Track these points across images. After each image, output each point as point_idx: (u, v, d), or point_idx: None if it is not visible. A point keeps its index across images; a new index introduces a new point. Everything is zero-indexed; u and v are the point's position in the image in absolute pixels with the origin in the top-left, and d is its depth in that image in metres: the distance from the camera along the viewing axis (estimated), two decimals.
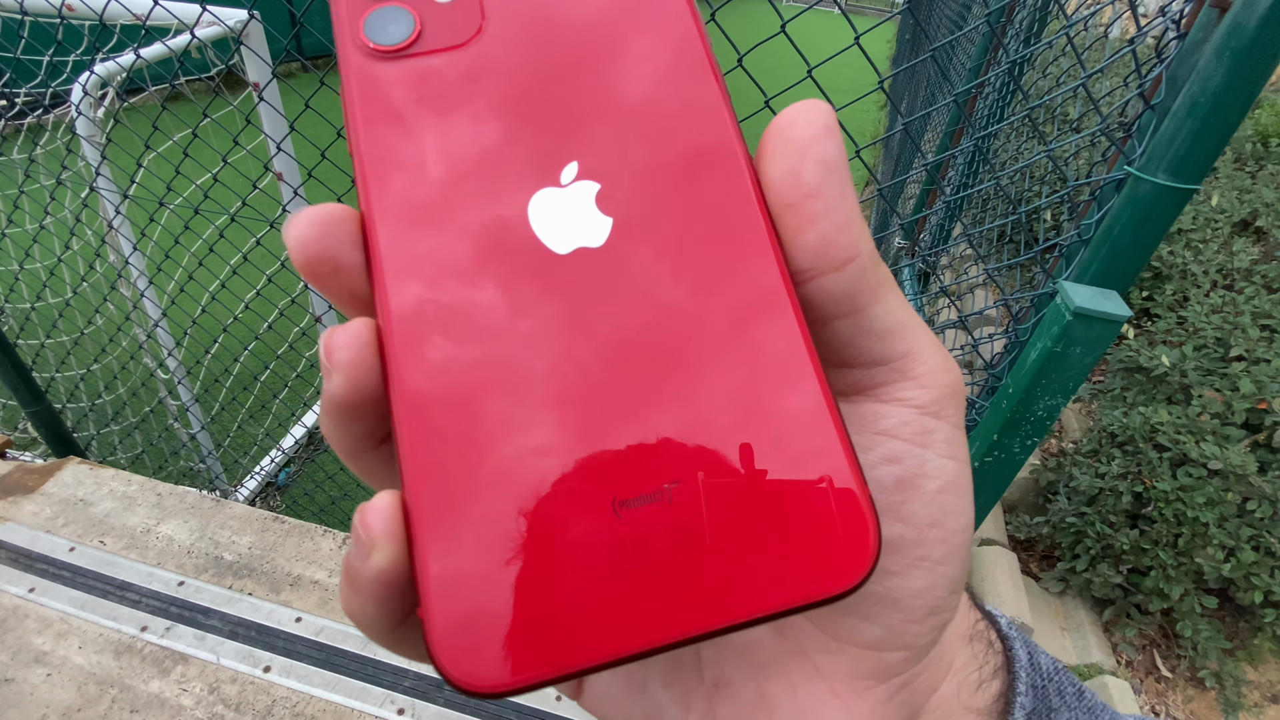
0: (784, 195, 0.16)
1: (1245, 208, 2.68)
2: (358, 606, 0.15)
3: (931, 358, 0.17)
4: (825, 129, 0.16)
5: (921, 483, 0.17)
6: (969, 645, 0.21)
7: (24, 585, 1.22)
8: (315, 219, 0.16)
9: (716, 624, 0.14)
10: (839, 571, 0.15)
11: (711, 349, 0.16)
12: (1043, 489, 2.06)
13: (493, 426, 0.15)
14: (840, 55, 0.86)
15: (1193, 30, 0.68)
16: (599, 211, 0.17)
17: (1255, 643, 1.75)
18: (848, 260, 0.16)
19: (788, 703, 0.19)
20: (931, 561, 0.17)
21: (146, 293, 1.69)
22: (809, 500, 0.15)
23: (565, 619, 0.14)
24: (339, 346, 0.15)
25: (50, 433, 1.70)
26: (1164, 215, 0.68)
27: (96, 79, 1.42)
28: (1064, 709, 0.21)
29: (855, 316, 0.17)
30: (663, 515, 0.15)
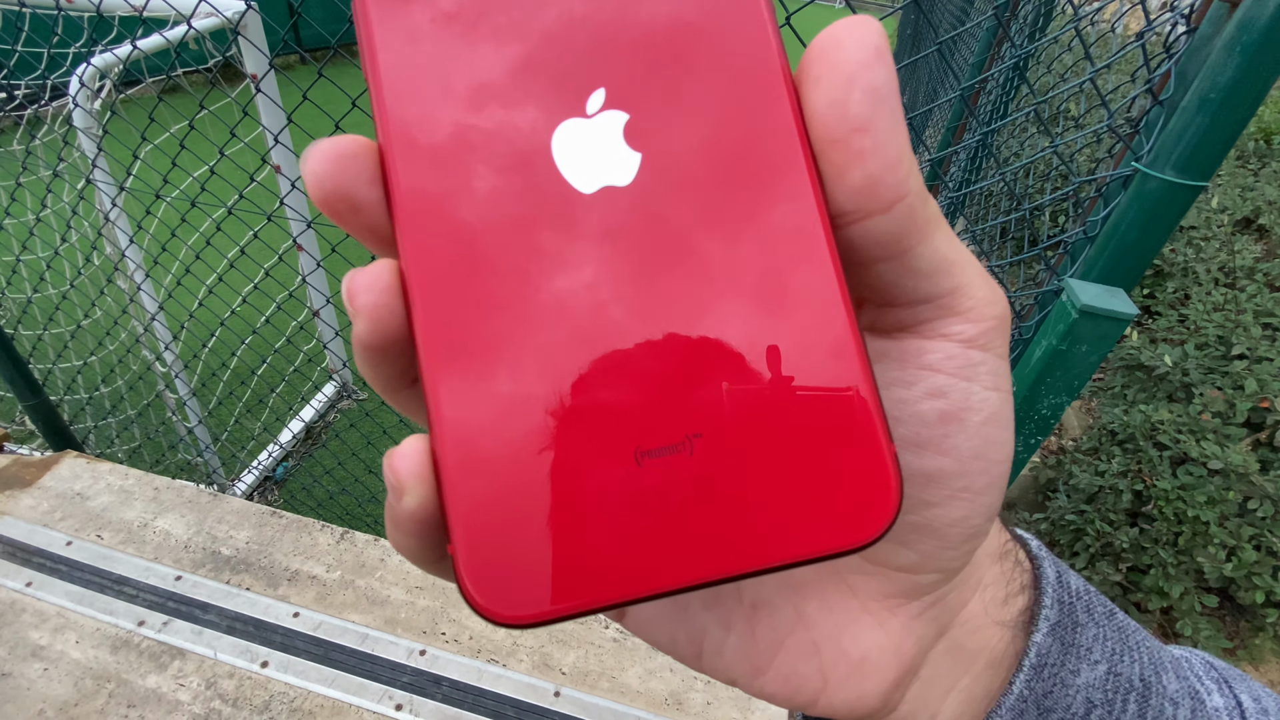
0: (829, 129, 0.15)
1: (1247, 205, 2.67)
2: (400, 542, 0.16)
3: (979, 290, 0.17)
4: (876, 51, 0.14)
5: (966, 415, 0.17)
6: (998, 563, 0.21)
7: (21, 579, 1.22)
8: (331, 154, 0.15)
9: (730, 572, 0.15)
10: (858, 526, 0.15)
11: (740, 300, 0.15)
12: (1042, 486, 2.06)
13: (516, 373, 0.15)
14: None
15: (1203, 25, 0.68)
16: (627, 146, 0.16)
17: (1256, 642, 1.75)
18: (895, 200, 0.15)
19: (824, 620, 0.20)
20: (973, 493, 0.17)
21: (143, 285, 1.68)
22: (833, 455, 0.15)
23: (583, 560, 0.15)
24: (361, 290, 0.15)
25: (47, 426, 1.69)
26: (1171, 212, 0.67)
27: (94, 71, 1.41)
28: (1091, 625, 0.21)
29: (902, 258, 0.16)
30: (684, 466, 0.15)
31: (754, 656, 0.20)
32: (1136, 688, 0.21)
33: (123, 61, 1.39)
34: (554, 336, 0.15)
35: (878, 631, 0.20)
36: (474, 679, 1.11)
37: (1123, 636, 0.22)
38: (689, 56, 0.16)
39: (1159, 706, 0.21)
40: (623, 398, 0.15)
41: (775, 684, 0.20)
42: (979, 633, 0.21)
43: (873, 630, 0.20)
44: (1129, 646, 0.22)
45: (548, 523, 0.15)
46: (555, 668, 1.12)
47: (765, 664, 0.20)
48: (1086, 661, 0.21)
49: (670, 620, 0.21)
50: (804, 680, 0.20)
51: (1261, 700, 0.24)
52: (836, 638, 0.20)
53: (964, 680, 0.21)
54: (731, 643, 0.20)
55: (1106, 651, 0.21)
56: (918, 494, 0.18)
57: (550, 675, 1.11)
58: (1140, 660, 0.22)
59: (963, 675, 0.21)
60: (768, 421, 0.15)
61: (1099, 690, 0.21)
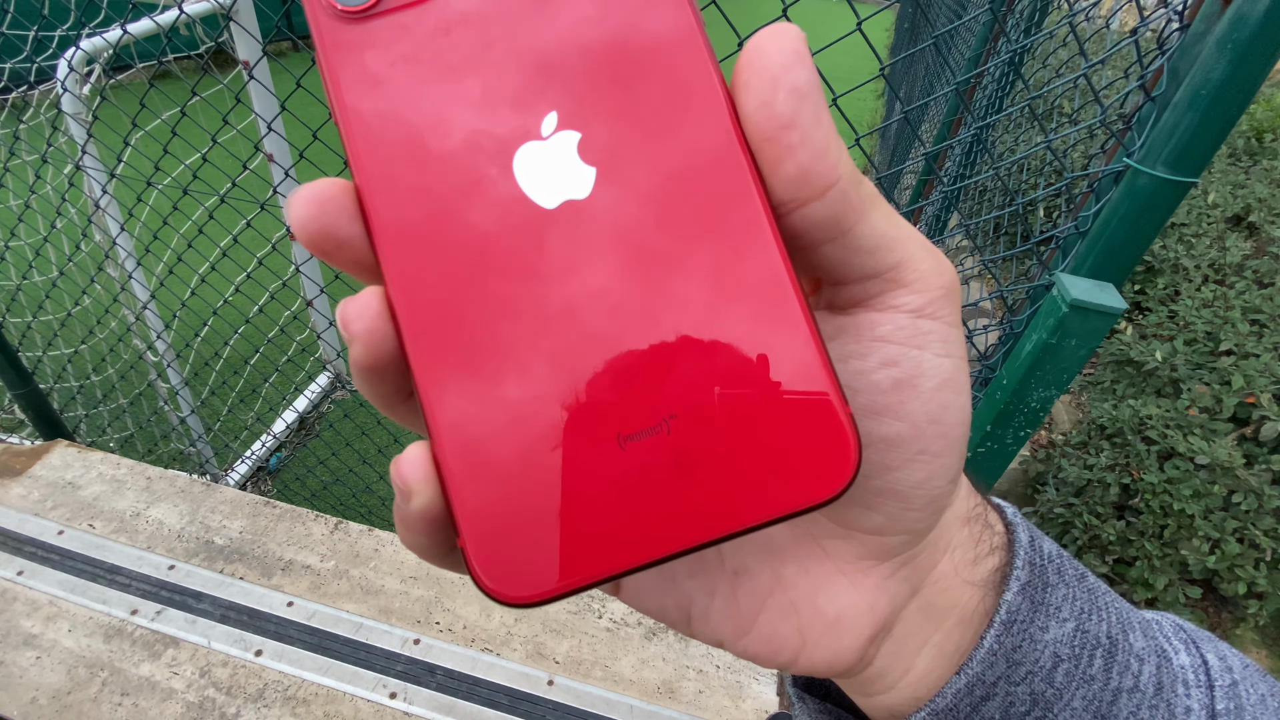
0: (760, 128, 0.16)
1: (1238, 203, 2.69)
2: (412, 541, 0.18)
3: (923, 263, 0.18)
4: (794, 54, 0.16)
5: (919, 382, 0.18)
6: (967, 526, 0.22)
7: (12, 568, 1.22)
8: (311, 198, 0.17)
9: (713, 535, 0.16)
10: (823, 482, 0.16)
11: (698, 289, 0.17)
12: (1031, 480, 2.08)
13: (502, 377, 0.17)
14: (837, 43, 0.85)
15: (1195, 22, 0.68)
16: (582, 162, 0.17)
17: (1238, 633, 1.78)
18: (828, 186, 0.16)
19: (801, 582, 0.21)
20: (930, 455, 0.19)
21: (134, 274, 1.67)
22: (794, 421, 0.16)
23: (580, 540, 0.16)
24: (353, 318, 0.17)
25: (38, 415, 1.68)
26: (1162, 208, 0.68)
27: (83, 55, 1.39)
28: (1061, 586, 0.22)
29: (843, 238, 0.17)
30: (663, 445, 0.16)
31: (737, 619, 0.21)
32: (1103, 644, 0.22)
33: (112, 46, 1.37)
34: (534, 340, 0.17)
35: (851, 591, 0.21)
36: (468, 668, 1.11)
37: (1092, 598, 0.23)
38: (630, 75, 0.17)
39: (1125, 662, 0.22)
40: (601, 389, 0.16)
41: (758, 644, 0.21)
42: (949, 592, 0.22)
43: (847, 590, 0.21)
44: (1098, 607, 0.23)
45: (545, 509, 0.16)
46: (549, 657, 1.13)
47: (748, 625, 0.21)
48: (1055, 619, 0.22)
49: (660, 590, 0.22)
50: (784, 639, 0.21)
51: (1227, 659, 0.25)
52: (813, 598, 0.21)
53: (935, 636, 0.22)
54: (716, 606, 0.21)
55: (1075, 610, 0.22)
56: (878, 459, 0.19)
57: (544, 664, 1.12)
58: (1108, 619, 0.23)
59: (934, 632, 0.22)
60: (734, 397, 0.16)
61: (1066, 645, 0.21)
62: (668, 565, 0.21)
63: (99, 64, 1.44)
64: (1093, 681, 0.21)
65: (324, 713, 1.05)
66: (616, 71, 0.17)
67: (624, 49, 0.17)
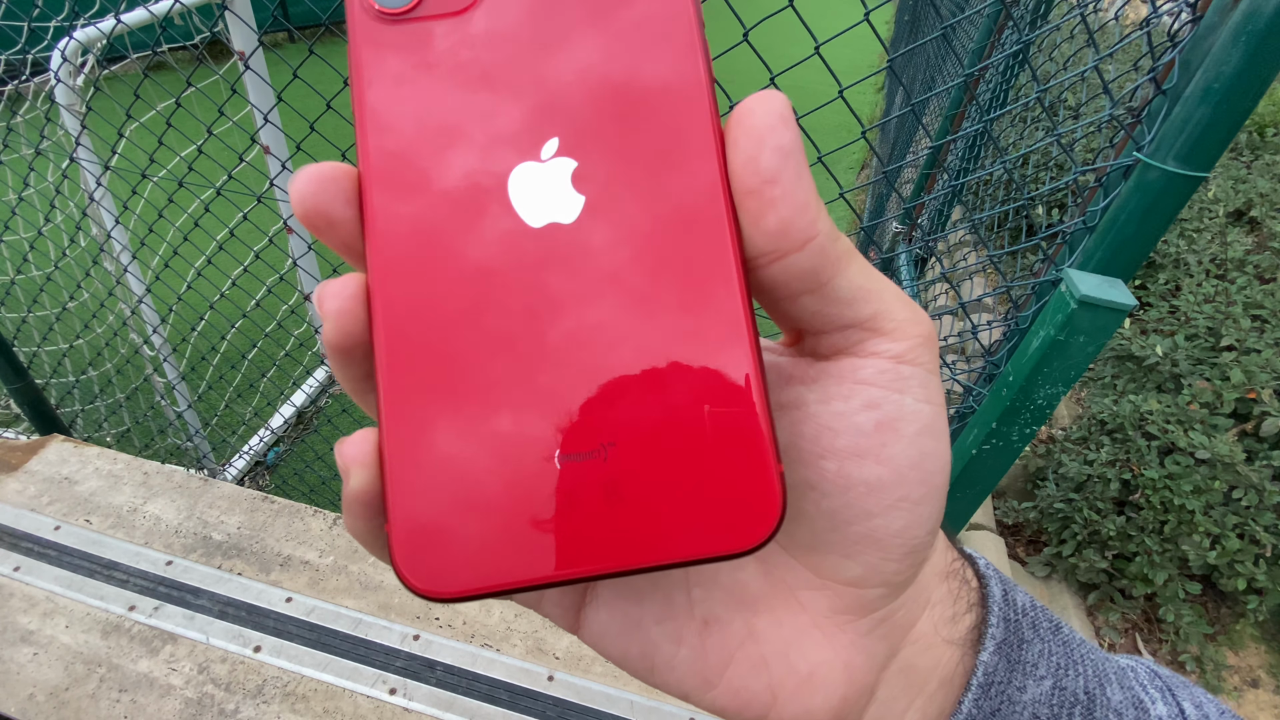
0: (744, 181, 0.17)
1: (1240, 198, 2.68)
2: (350, 524, 0.18)
3: (900, 313, 0.18)
4: (780, 117, 0.17)
5: (900, 425, 0.18)
6: (945, 582, 0.22)
7: (8, 564, 1.21)
8: (314, 176, 0.17)
9: (626, 565, 0.17)
10: (743, 532, 0.17)
11: (657, 327, 0.17)
12: (1031, 475, 2.08)
13: (457, 380, 0.17)
14: (837, 36, 0.84)
15: (1207, 14, 0.67)
16: (573, 189, 0.18)
17: (1237, 628, 1.78)
18: (807, 240, 0.17)
19: (773, 635, 0.20)
20: (911, 502, 0.19)
21: (130, 267, 1.65)
22: (725, 469, 0.17)
23: (499, 547, 0.17)
24: (329, 296, 0.17)
25: (33, 409, 1.67)
26: (1171, 203, 0.67)
27: (76, 45, 1.37)
28: (1036, 640, 0.22)
29: (821, 290, 0.18)
30: (596, 470, 0.17)
31: (704, 670, 0.21)
32: (1081, 700, 0.22)
33: (106, 36, 1.35)
34: (493, 349, 0.17)
35: (826, 647, 0.20)
36: (468, 663, 1.11)
37: (1068, 651, 0.22)
38: (634, 114, 0.18)
39: (1103, 718, 0.22)
40: (548, 407, 0.17)
41: (725, 698, 0.21)
42: (930, 651, 0.21)
43: (821, 646, 0.20)
44: (1074, 660, 0.22)
45: (472, 511, 0.17)
46: (549, 652, 1.13)
47: (715, 678, 0.20)
48: (1032, 678, 0.21)
49: (623, 634, 0.21)
50: (753, 695, 0.20)
51: (1203, 707, 0.24)
52: (785, 653, 0.20)
53: (918, 700, 0.21)
54: (682, 656, 0.21)
55: (1052, 667, 0.22)
56: (859, 503, 0.19)
57: (544, 660, 1.11)
58: (1085, 674, 0.22)
59: (916, 695, 0.21)
60: (671, 437, 0.17)
61: (1045, 705, 0.21)
62: (634, 610, 0.21)
63: (93, 55, 1.42)
64: None
65: (323, 708, 1.04)
66: (622, 109, 0.18)
67: (632, 88, 0.18)
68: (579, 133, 0.18)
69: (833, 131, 4.09)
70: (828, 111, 0.96)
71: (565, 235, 0.18)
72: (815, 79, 1.15)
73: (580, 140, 0.18)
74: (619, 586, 0.21)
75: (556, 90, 0.18)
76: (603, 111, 0.18)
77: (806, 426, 0.19)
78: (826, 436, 0.19)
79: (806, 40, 0.81)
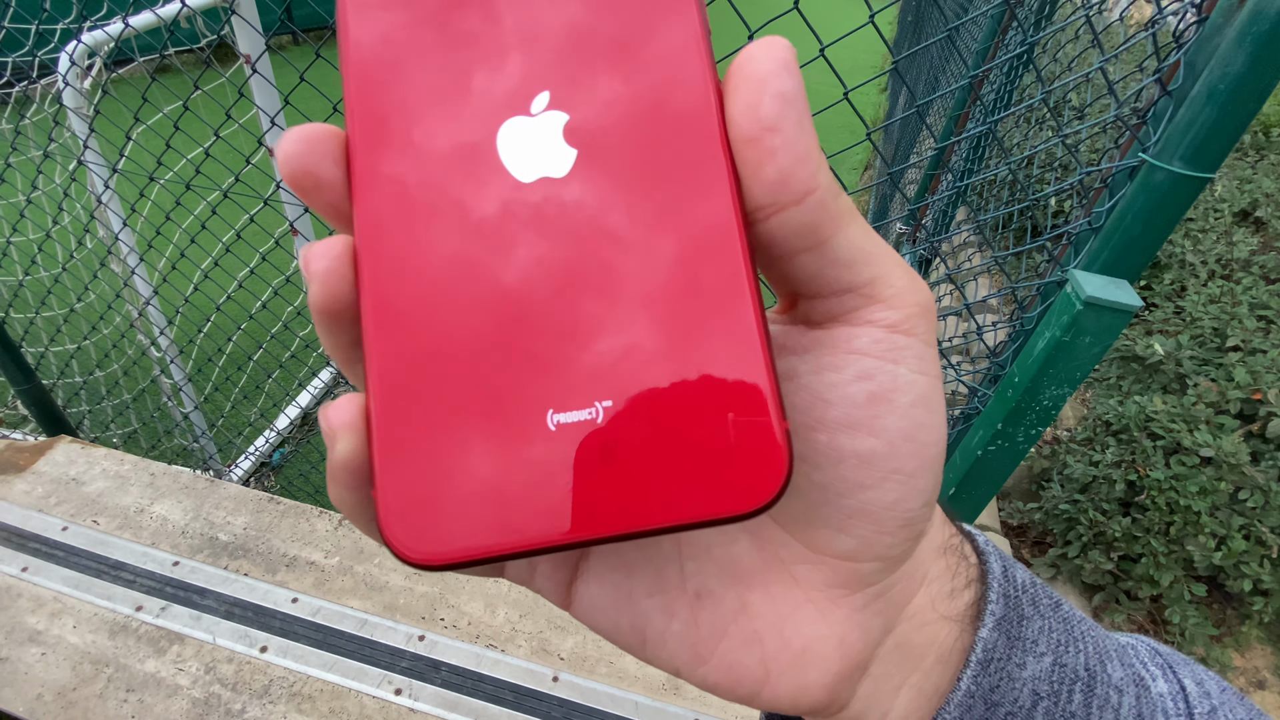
0: (743, 130, 0.16)
1: (1245, 198, 2.67)
2: (336, 494, 0.17)
3: (899, 280, 0.18)
4: (783, 64, 0.16)
5: (894, 397, 0.18)
6: (942, 557, 0.22)
7: (16, 564, 1.22)
8: (301, 136, 0.17)
9: (624, 529, 0.16)
10: (748, 493, 0.16)
11: (656, 282, 0.17)
12: (1036, 476, 2.08)
13: (446, 340, 0.17)
14: (843, 38, 0.84)
15: (1213, 15, 0.67)
16: (565, 143, 0.17)
17: (1243, 630, 1.77)
18: (807, 193, 0.16)
19: (767, 610, 0.20)
20: (904, 474, 0.18)
21: (137, 269, 1.66)
22: (727, 428, 0.16)
23: (492, 511, 0.16)
24: (315, 257, 0.17)
25: (40, 411, 1.68)
26: (1178, 204, 0.67)
27: (84, 48, 1.38)
28: (1037, 617, 0.22)
29: (820, 248, 0.17)
30: (592, 431, 0.16)
31: (697, 645, 0.20)
32: (1082, 677, 0.21)
33: (114, 39, 1.36)
34: (483, 307, 0.17)
35: (820, 622, 0.20)
36: (473, 664, 1.11)
37: (1068, 628, 0.22)
38: (627, 66, 0.17)
39: (1104, 695, 0.22)
40: (541, 366, 0.16)
41: (718, 673, 0.20)
42: (926, 628, 0.21)
43: (815, 621, 0.20)
44: (1074, 637, 0.22)
45: (462, 474, 0.16)
46: (553, 653, 1.13)
47: (708, 653, 0.20)
48: (1032, 654, 0.21)
49: (614, 607, 0.21)
50: (746, 670, 0.20)
51: (1205, 684, 0.24)
52: (779, 627, 0.20)
53: (914, 677, 0.21)
54: (674, 630, 0.20)
55: (1052, 644, 0.21)
56: (852, 475, 0.18)
57: (548, 660, 1.12)
58: (1085, 650, 0.22)
59: (912, 672, 0.21)
60: (671, 396, 0.16)
61: (1045, 682, 0.21)
62: (625, 583, 0.21)
63: (100, 57, 1.43)
64: (1073, 718, 0.21)
65: (329, 709, 1.05)
66: (614, 60, 0.17)
67: (625, 40, 0.17)
68: (570, 86, 0.17)
69: (836, 132, 4.08)
70: (832, 113, 0.97)
71: (557, 190, 0.17)
72: (818, 79, 1.15)
73: (571, 93, 0.17)
74: (610, 559, 0.21)
75: (546, 44, 0.18)
76: (594, 64, 0.17)
77: (798, 398, 0.19)
78: (819, 408, 0.18)
79: (809, 41, 0.82)
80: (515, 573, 0.21)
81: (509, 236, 0.17)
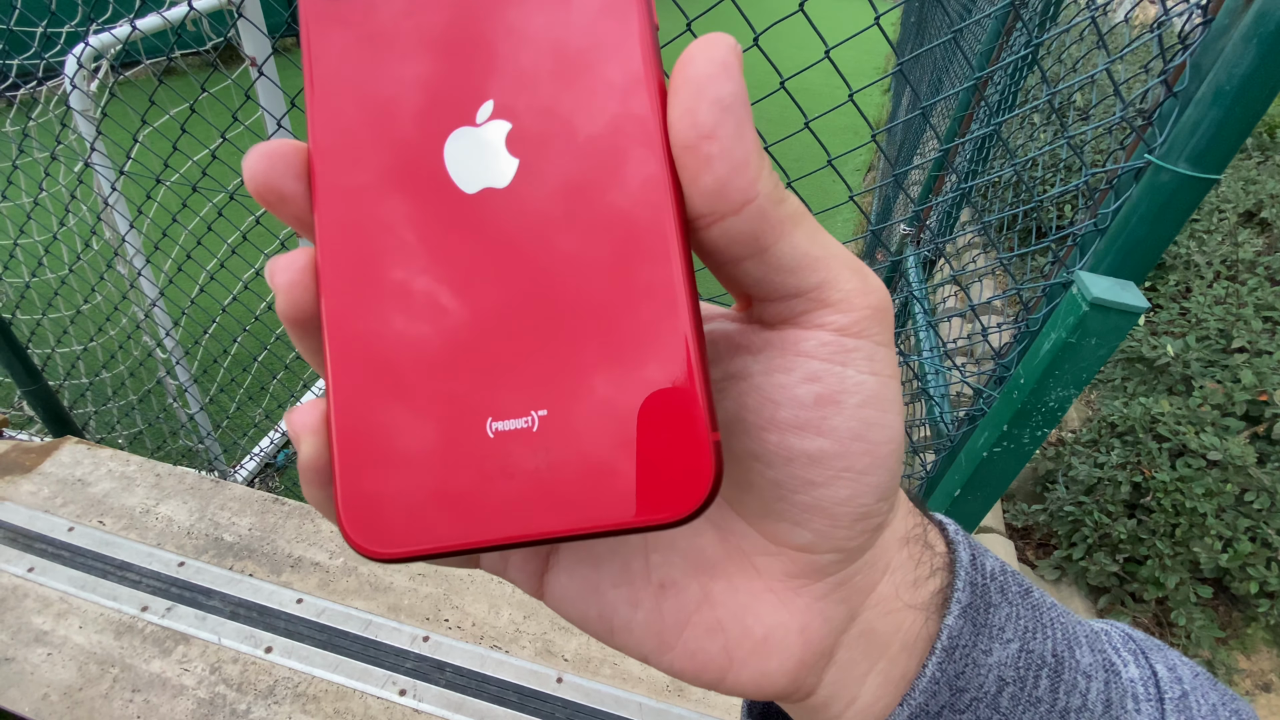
0: (681, 136, 0.16)
1: (1250, 199, 2.67)
2: (306, 492, 0.19)
3: (847, 284, 0.18)
4: (723, 66, 0.16)
5: (842, 398, 0.18)
6: (905, 547, 0.22)
7: (23, 565, 1.22)
8: (265, 152, 0.18)
9: (555, 532, 0.17)
10: (673, 503, 0.16)
11: (592, 293, 0.17)
12: (1041, 478, 2.07)
13: (395, 348, 0.17)
14: (848, 40, 0.84)
15: (1219, 16, 0.67)
16: (507, 153, 0.18)
17: (1249, 632, 1.76)
18: (744, 202, 0.16)
19: (729, 599, 0.20)
20: (855, 472, 0.18)
21: (144, 271, 1.67)
22: (656, 438, 0.16)
23: (437, 512, 0.17)
24: (279, 270, 0.18)
25: (47, 411, 1.69)
26: (1183, 205, 0.67)
27: (91, 51, 1.39)
28: (1004, 604, 0.22)
29: (761, 255, 0.17)
30: (526, 438, 0.17)
31: (661, 633, 0.21)
32: (1049, 663, 0.22)
33: (121, 41, 1.37)
34: (430, 317, 0.17)
35: (781, 611, 0.20)
36: (477, 665, 1.11)
37: (1036, 614, 0.22)
38: (569, 71, 0.17)
39: (1071, 680, 0.22)
40: (482, 375, 0.17)
41: (682, 660, 0.21)
42: (890, 616, 0.21)
43: (776, 610, 0.20)
44: (1042, 624, 0.22)
45: (410, 476, 0.17)
46: (557, 654, 1.13)
47: (673, 640, 0.21)
48: (999, 641, 0.21)
49: (582, 597, 0.21)
50: (709, 657, 0.20)
51: (1176, 669, 0.24)
52: (741, 616, 0.20)
53: (880, 663, 0.21)
54: (639, 619, 0.21)
55: (1019, 630, 0.22)
56: (801, 474, 0.19)
57: (552, 662, 1.12)
58: (1053, 636, 0.22)
59: (879, 659, 0.21)
60: (602, 405, 0.17)
61: (1011, 668, 0.21)
62: (592, 575, 0.21)
63: (107, 60, 1.43)
64: (1039, 704, 0.21)
65: (334, 709, 1.05)
66: (556, 67, 0.17)
67: (568, 45, 0.17)
68: (513, 94, 0.18)
69: (839, 133, 4.08)
70: (834, 114, 0.97)
71: (499, 200, 0.17)
72: (822, 81, 1.16)
73: (515, 101, 0.18)
74: (578, 551, 0.21)
75: (492, 53, 0.18)
76: (538, 71, 0.17)
77: (750, 398, 0.19)
78: (768, 408, 0.19)
79: (812, 43, 0.82)
80: (490, 564, 0.22)
81: (453, 250, 0.17)
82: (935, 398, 1.14)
